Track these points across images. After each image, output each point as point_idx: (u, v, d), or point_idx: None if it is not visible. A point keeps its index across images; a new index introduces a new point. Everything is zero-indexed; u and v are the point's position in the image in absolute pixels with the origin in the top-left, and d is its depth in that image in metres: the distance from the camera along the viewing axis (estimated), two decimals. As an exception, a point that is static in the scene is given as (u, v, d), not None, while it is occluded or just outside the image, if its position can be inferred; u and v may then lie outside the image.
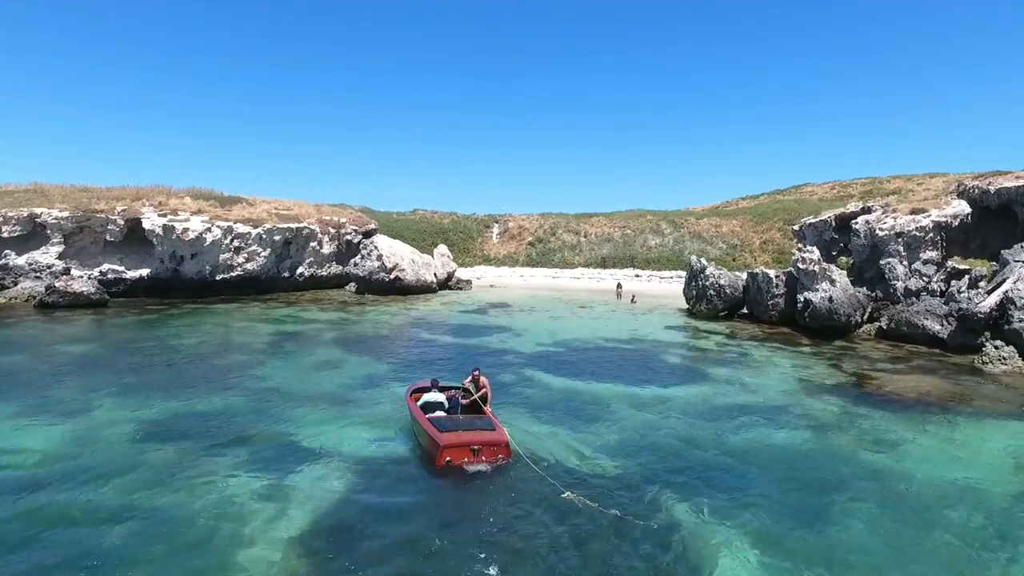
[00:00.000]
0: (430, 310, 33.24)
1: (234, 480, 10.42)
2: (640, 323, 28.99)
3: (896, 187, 63.76)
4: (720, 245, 50.31)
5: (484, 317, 30.67)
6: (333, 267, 42.52)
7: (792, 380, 18.15)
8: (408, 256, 40.51)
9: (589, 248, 54.77)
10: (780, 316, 27.53)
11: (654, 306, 35.40)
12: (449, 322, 29.00)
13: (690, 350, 22.77)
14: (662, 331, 26.96)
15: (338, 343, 23.02)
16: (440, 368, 19.16)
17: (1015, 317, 20.36)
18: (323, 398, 15.42)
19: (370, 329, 26.57)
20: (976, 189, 28.33)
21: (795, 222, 49.93)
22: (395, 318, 30.03)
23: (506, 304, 35.92)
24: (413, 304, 35.65)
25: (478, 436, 11.61)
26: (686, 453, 12.19)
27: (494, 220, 63.88)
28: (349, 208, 51.71)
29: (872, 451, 12.38)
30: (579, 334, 25.67)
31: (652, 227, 55.39)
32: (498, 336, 25.10)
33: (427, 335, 25.15)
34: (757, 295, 28.64)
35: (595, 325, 28.27)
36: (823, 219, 31.75)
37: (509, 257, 56.56)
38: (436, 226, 61.42)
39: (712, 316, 29.78)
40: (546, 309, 33.90)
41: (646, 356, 21.63)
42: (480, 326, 27.75)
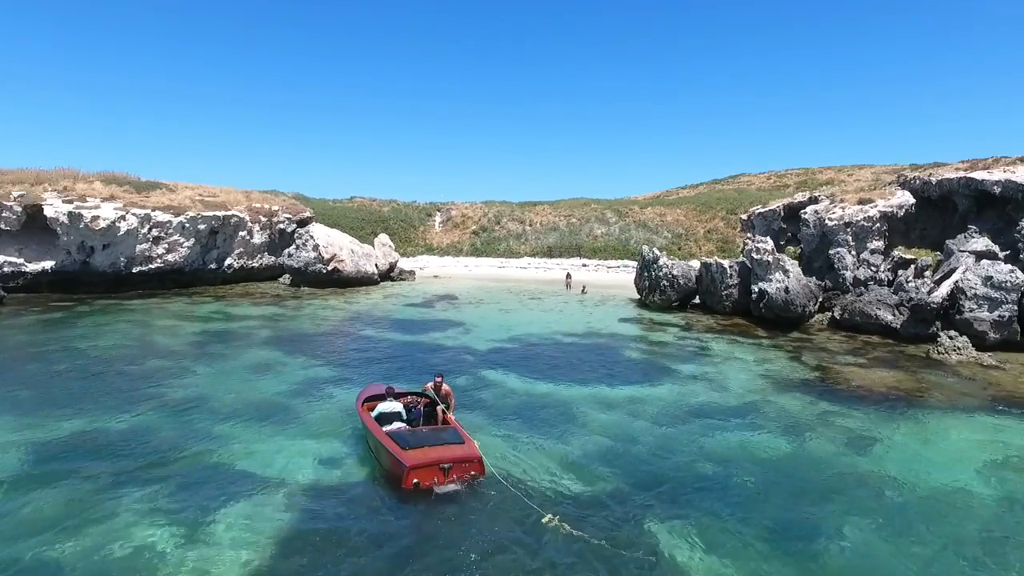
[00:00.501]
0: (373, 303, 31.33)
1: (150, 521, 8.67)
2: (594, 315, 28.13)
3: (829, 178, 65.83)
4: (665, 234, 50.31)
5: (431, 311, 29.08)
6: (265, 258, 39.74)
7: (758, 376, 17.58)
8: (347, 246, 38.26)
9: (535, 237, 53.74)
10: (734, 307, 27.25)
11: (605, 297, 34.70)
12: (394, 317, 27.27)
13: (649, 344, 22.00)
14: (617, 324, 26.15)
15: (273, 343, 20.98)
16: (389, 369, 17.59)
17: (966, 307, 20.58)
18: (258, 410, 13.60)
19: (309, 326, 24.53)
20: (917, 180, 28.84)
21: (742, 211, 50.49)
22: (335, 313, 28.01)
23: (453, 296, 34.39)
24: (354, 297, 33.60)
25: (447, 452, 10.23)
26: (665, 464, 11.23)
27: (436, 208, 61.89)
28: (282, 195, 48.58)
29: (852, 454, 11.81)
30: (533, 328, 24.51)
31: (597, 216, 54.88)
32: (448, 332, 23.62)
33: (371, 332, 23.38)
34: (711, 286, 28.28)
35: (548, 318, 27.19)
36: (772, 209, 31.77)
37: (453, 247, 54.85)
38: (375, 214, 58.90)
39: (665, 307, 29.27)
40: (495, 301, 32.60)
41: (606, 352, 20.69)
42: (428, 321, 26.17)
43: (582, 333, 23.74)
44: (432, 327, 24.62)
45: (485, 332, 23.65)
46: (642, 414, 13.96)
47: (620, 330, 24.70)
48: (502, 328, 24.51)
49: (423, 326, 24.83)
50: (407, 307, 30.21)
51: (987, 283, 20.44)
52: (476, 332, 23.71)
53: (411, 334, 23.02)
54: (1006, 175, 23.61)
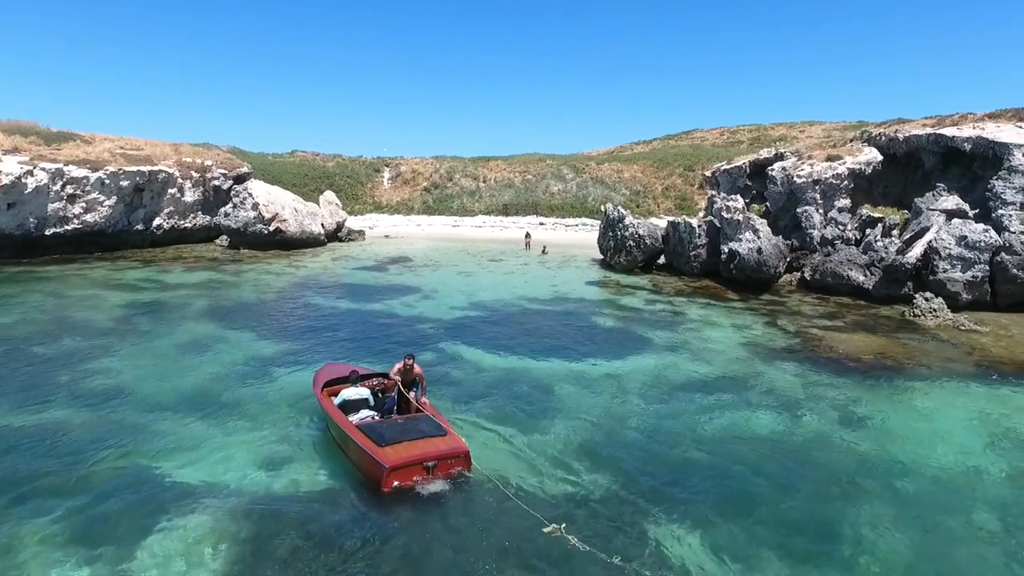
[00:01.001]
0: (320, 267, 29.12)
1: (59, 556, 6.94)
2: (559, 278, 26.85)
3: (781, 134, 65.92)
4: (623, 191, 49.23)
5: (385, 275, 27.17)
6: (199, 218, 36.52)
7: (738, 344, 16.73)
8: (290, 204, 35.51)
9: (489, 194, 51.77)
10: (702, 268, 26.46)
11: (567, 257, 33.45)
12: (345, 282, 25.26)
13: (621, 310, 20.90)
14: (584, 287, 24.96)
15: (211, 315, 18.82)
16: (346, 345, 15.88)
17: (940, 267, 20.26)
18: (194, 400, 11.75)
19: (250, 294, 22.32)
20: (883, 137, 28.36)
21: (699, 167, 49.87)
22: (280, 278, 25.76)
23: (407, 258, 32.45)
24: (299, 260, 31.22)
25: (429, 447, 8.84)
26: (661, 453, 10.17)
27: (385, 164, 58.83)
28: (215, 149, 44.73)
29: (850, 432, 11.09)
30: (497, 294, 23.05)
31: (553, 172, 53.23)
32: (406, 299, 21.89)
33: (321, 300, 21.41)
34: (678, 246, 27.36)
35: (512, 282, 25.75)
36: (737, 165, 30.91)
37: (403, 204, 52.33)
38: (319, 170, 55.46)
39: (631, 268, 28.25)
40: (453, 263, 30.88)
41: (576, 319, 19.48)
42: (382, 287, 24.32)
43: (549, 298, 22.43)
44: (388, 293, 22.83)
45: (446, 298, 22.05)
46: (626, 392, 12.83)
47: (588, 294, 23.52)
48: (463, 294, 22.95)
49: (378, 292, 23.00)
50: (358, 271, 28.17)
51: (961, 243, 20.12)
52: (436, 298, 22.08)
53: (365, 302, 21.20)
54: (976, 132, 23.23)
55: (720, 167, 32.23)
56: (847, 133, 62.39)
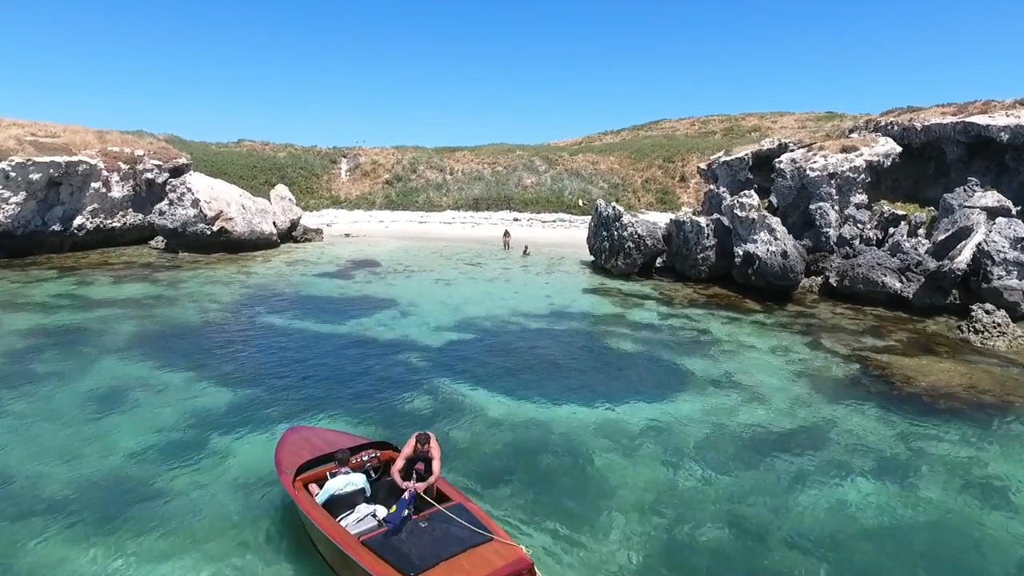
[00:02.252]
0: (274, 274, 25.19)
1: None
2: (551, 286, 23.69)
3: (753, 124, 64.34)
4: (601, 184, 46.39)
5: (351, 284, 23.51)
6: (130, 216, 31.87)
7: (789, 375, 13.97)
8: (237, 200, 31.24)
9: (457, 187, 48.16)
10: (710, 272, 23.73)
11: (552, 259, 30.32)
12: (304, 294, 21.53)
13: (634, 328, 17.89)
14: (583, 298, 21.89)
15: (137, 346, 14.97)
16: (312, 386, 12.41)
17: (993, 274, 17.96)
18: (100, 499, 8.16)
19: (189, 313, 18.41)
20: (894, 126, 26.17)
21: (685, 160, 47.44)
22: (226, 290, 21.80)
23: (373, 262, 28.75)
24: (249, 265, 27.18)
25: (480, 565, 5.83)
26: (757, 557, 7.28)
27: (342, 154, 54.40)
28: (149, 137, 39.62)
29: (995, 510, 8.51)
30: (486, 307, 19.76)
31: (525, 164, 49.97)
32: (379, 317, 18.38)
33: (277, 320, 17.72)
34: (683, 247, 24.56)
35: (499, 292, 22.46)
36: (738, 157, 28.30)
37: (364, 199, 48.24)
38: (269, 161, 50.75)
39: (628, 272, 25.31)
40: (427, 268, 27.36)
41: (588, 343, 16.42)
42: (349, 300, 20.72)
43: (547, 313, 19.27)
44: (357, 309, 19.26)
45: (427, 315, 18.64)
46: (682, 456, 9.88)
47: (589, 307, 20.45)
48: (447, 309, 19.57)
49: (345, 308, 19.41)
50: (319, 279, 24.39)
51: (1018, 245, 17.85)
52: (416, 316, 18.64)
53: (331, 321, 17.60)
54: (1013, 120, 21.07)
55: (719, 159, 29.58)
56: (821, 123, 61.14)
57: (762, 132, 60.27)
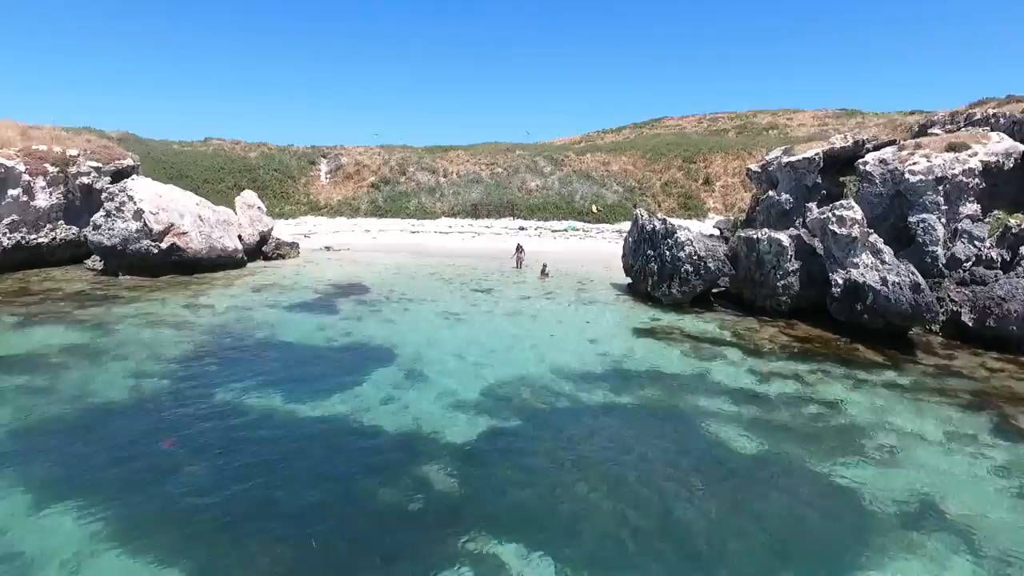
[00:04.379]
0: (236, 309, 19.69)
1: None
2: (592, 326, 18.48)
3: (768, 122, 59.89)
4: (615, 188, 41.36)
5: (334, 323, 18.14)
6: (60, 229, 26.15)
7: (1010, 492, 8.96)
8: (192, 210, 25.66)
9: (453, 191, 42.84)
10: (792, 303, 18.71)
11: (578, 281, 25.16)
12: (273, 343, 16.11)
13: (734, 401, 12.74)
14: (640, 345, 16.66)
15: (26, 453, 9.49)
16: (286, 545, 7.09)
17: None
18: None
19: (113, 381, 12.92)
20: (1001, 119, 21.41)
21: (708, 160, 42.54)
22: (167, 339, 16.29)
23: (361, 287, 23.39)
24: (205, 293, 21.68)
25: None
26: None
27: (322, 154, 48.79)
28: (89, 134, 33.65)
29: None
30: (518, 365, 14.50)
31: (528, 165, 44.79)
32: (375, 385, 13.05)
33: (229, 398, 12.30)
34: (755, 271, 19.54)
35: (528, 336, 17.22)
36: (805, 157, 23.32)
37: (346, 204, 42.72)
38: (239, 162, 45.01)
39: (682, 303, 20.22)
40: (427, 296, 22.04)
41: (681, 432, 11.26)
42: (333, 354, 15.35)
43: (603, 376, 14.05)
44: (344, 371, 13.92)
45: (440, 380, 13.35)
46: None
47: (656, 362, 15.25)
48: (465, 368, 14.28)
49: (327, 369, 14.05)
50: (293, 315, 18.98)
51: None
52: (424, 382, 13.33)
53: (308, 398, 12.24)
54: None
55: (779, 159, 24.58)
56: (843, 120, 56.79)
57: (780, 129, 55.82)
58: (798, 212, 23.69)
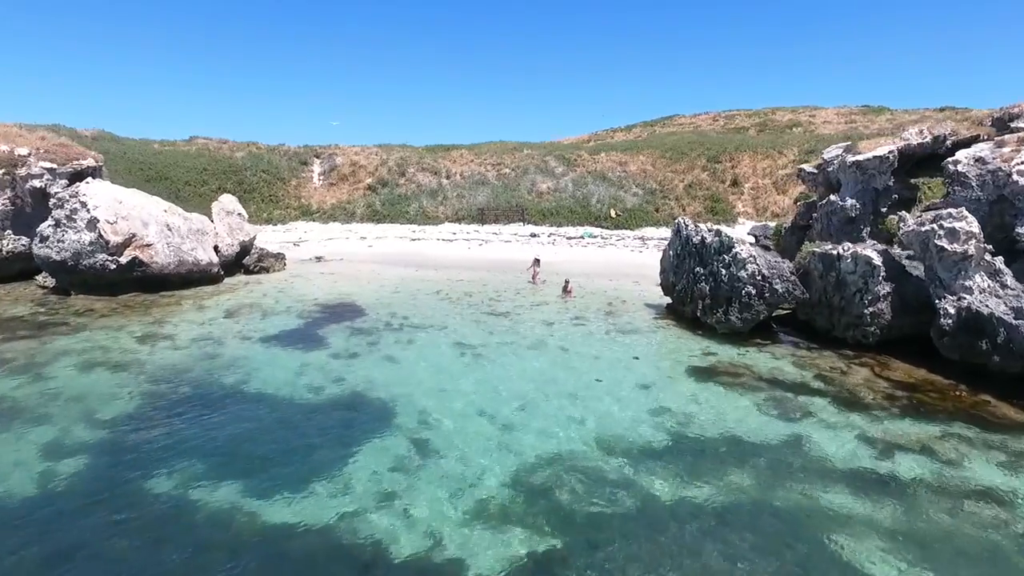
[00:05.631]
0: (201, 343, 16.21)
1: None
2: (639, 366, 15.02)
3: (789, 119, 56.48)
4: (634, 190, 37.91)
5: (318, 363, 14.70)
6: (8, 241, 22.70)
7: None
8: (159, 218, 22.20)
9: (457, 194, 39.39)
10: (882, 335, 15.27)
11: (607, 301, 21.73)
12: (241, 393, 12.66)
13: (852, 489, 9.31)
14: (704, 394, 13.17)
15: None
16: None
17: None
18: None
19: (28, 454, 9.49)
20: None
21: (726, 158, 39.10)
22: (115, 385, 12.83)
23: (355, 309, 19.98)
24: (169, 318, 18.24)
25: None
26: None
27: (315, 154, 45.33)
28: (45, 131, 29.92)
29: None
30: (555, 431, 11.04)
31: (538, 165, 41.35)
32: (366, 467, 9.57)
33: (169, 484, 8.87)
34: (832, 294, 16.10)
35: (563, 380, 13.77)
36: (876, 156, 19.86)
37: (341, 208, 39.28)
38: (224, 162, 41.55)
39: (740, 331, 16.77)
40: (434, 322, 18.61)
41: (794, 546, 7.85)
42: (314, 409, 11.88)
43: (667, 446, 10.59)
44: (327, 438, 10.46)
45: (454, 458, 9.90)
46: None
47: (730, 420, 11.79)
48: (485, 434, 10.81)
49: (307, 436, 10.57)
50: (271, 349, 15.53)
51: None
52: (433, 459, 9.89)
53: (279, 487, 8.78)
54: None
55: (840, 158, 21.14)
56: (871, 117, 53.31)
57: (804, 127, 52.43)
58: (865, 220, 20.31)
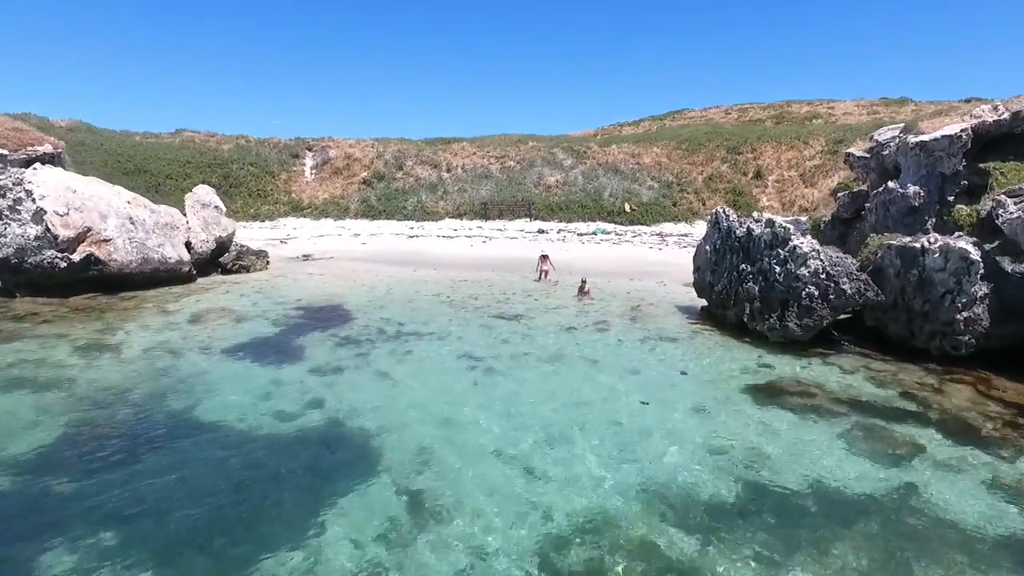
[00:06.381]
0: (153, 355, 13.50)
1: None
2: (686, 384, 12.34)
3: (807, 111, 53.77)
4: (649, 183, 35.23)
5: (291, 381, 12.00)
6: (-50, 236, 19.99)
7: None
8: (120, 210, 19.53)
9: (458, 189, 36.74)
10: (979, 343, 12.57)
11: (629, 303, 19.07)
12: (190, 423, 9.94)
13: (1012, 569, 6.65)
14: (770, 420, 10.47)
15: None
16: None
17: None
18: None
19: None
20: None
21: (747, 149, 36.42)
22: (38, 411, 10.12)
23: (343, 313, 17.32)
24: (122, 324, 15.57)
25: None
26: None
27: (307, 147, 42.69)
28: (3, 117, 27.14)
29: None
30: (590, 479, 8.32)
31: (545, 157, 38.69)
32: (346, 539, 6.84)
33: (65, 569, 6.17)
34: (913, 295, 13.39)
35: (595, 404, 11.05)
36: (946, 135, 17.17)
37: (334, 204, 36.61)
38: (210, 155, 38.88)
39: (796, 340, 14.06)
40: (435, 329, 15.92)
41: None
42: (281, 447, 9.15)
43: (735, 501, 7.85)
44: (296, 491, 7.74)
45: (463, 521, 7.19)
46: None
47: (810, 459, 9.05)
48: (502, 487, 8.08)
49: (267, 491, 7.84)
50: (235, 363, 12.84)
51: None
52: (436, 523, 7.15)
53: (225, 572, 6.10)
54: None
55: (898, 139, 18.45)
56: (894, 109, 50.70)
57: (824, 119, 49.77)
58: (930, 210, 17.61)
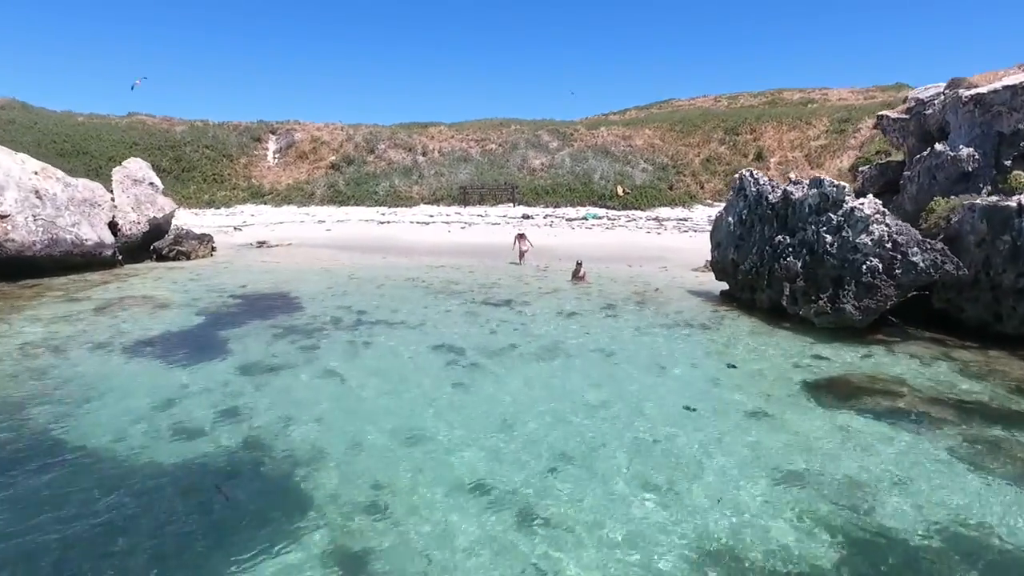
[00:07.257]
0: (31, 354, 10.34)
1: None
2: (734, 375, 9.55)
3: (801, 98, 51.74)
4: (643, 165, 32.57)
5: (205, 385, 8.93)
6: None
7: None
8: (23, 182, 16.23)
9: (435, 173, 33.74)
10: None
11: (632, 287, 16.32)
12: (62, 438, 6.88)
13: None
14: (852, 426, 7.68)
15: None
16: None
17: None
18: None
19: None
20: None
21: (746, 130, 33.80)
22: None
23: (291, 302, 14.27)
24: (10, 314, 12.39)
25: None
26: None
27: (270, 130, 39.32)
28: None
29: None
30: (643, 548, 5.45)
31: (529, 140, 35.87)
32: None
33: None
34: (1002, 268, 10.74)
35: (622, 413, 8.17)
36: (1008, 84, 14.61)
37: (298, 190, 33.41)
38: (160, 137, 35.39)
39: (855, 326, 11.35)
40: (406, 318, 12.97)
41: None
42: (177, 476, 6.09)
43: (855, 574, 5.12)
44: (186, 557, 4.77)
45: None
46: None
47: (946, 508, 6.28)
48: (491, 548, 5.20)
49: (151, 545, 4.85)
50: (138, 362, 9.74)
51: None
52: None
53: None
54: None
55: (945, 95, 15.92)
56: (890, 94, 48.79)
57: (820, 105, 47.70)
58: (986, 176, 15.04)
